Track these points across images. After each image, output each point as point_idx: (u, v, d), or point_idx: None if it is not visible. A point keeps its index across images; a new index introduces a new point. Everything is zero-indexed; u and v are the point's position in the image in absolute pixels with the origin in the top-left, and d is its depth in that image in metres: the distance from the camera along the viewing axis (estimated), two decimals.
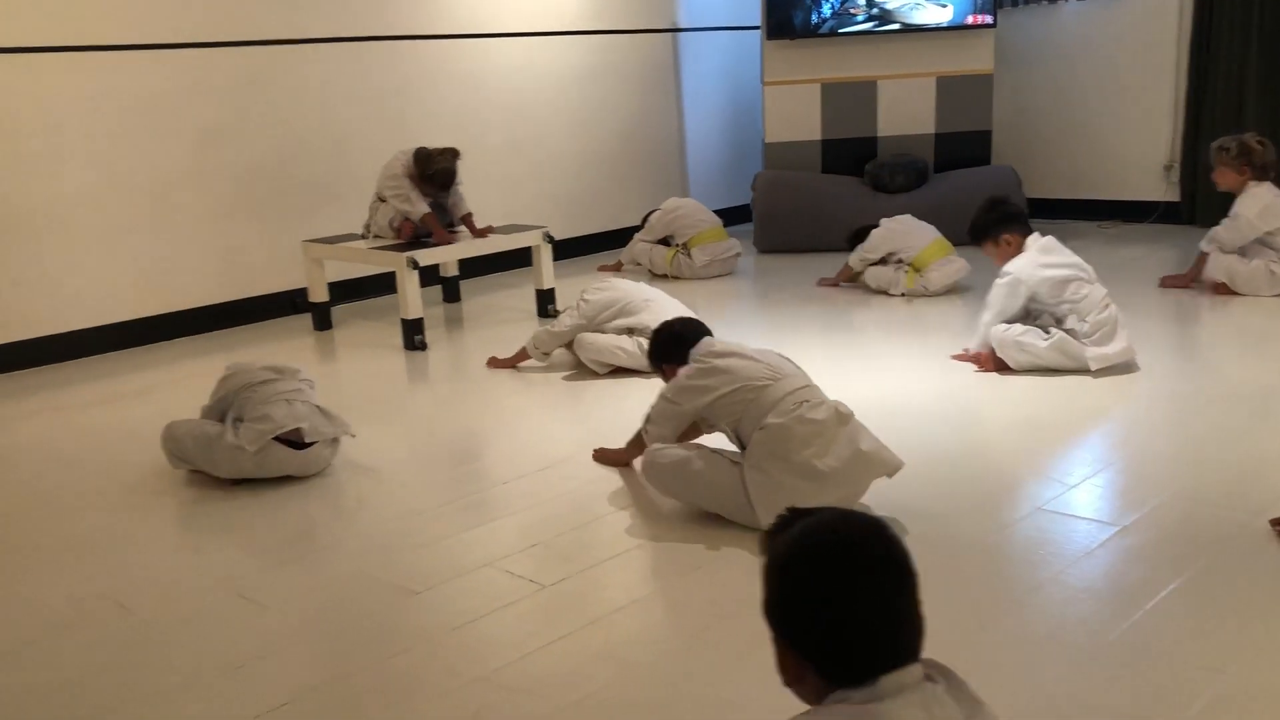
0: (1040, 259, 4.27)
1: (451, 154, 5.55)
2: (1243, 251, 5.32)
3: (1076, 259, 4.31)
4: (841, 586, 1.30)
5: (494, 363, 4.85)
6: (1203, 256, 5.43)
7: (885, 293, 5.75)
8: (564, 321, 4.69)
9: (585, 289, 4.77)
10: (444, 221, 5.65)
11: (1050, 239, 4.35)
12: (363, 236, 5.77)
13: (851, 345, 4.97)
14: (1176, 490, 3.10)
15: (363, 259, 5.61)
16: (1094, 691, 2.17)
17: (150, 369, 5.18)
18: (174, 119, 5.58)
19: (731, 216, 7.71)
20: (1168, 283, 5.59)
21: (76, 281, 5.36)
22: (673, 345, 3.30)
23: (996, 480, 3.35)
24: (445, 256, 5.71)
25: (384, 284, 6.19)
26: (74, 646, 2.57)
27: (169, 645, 2.55)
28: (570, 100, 7.34)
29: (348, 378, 4.92)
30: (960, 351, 4.50)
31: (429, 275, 5.67)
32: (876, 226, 5.89)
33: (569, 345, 4.71)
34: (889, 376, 4.37)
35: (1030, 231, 4.38)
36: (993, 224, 4.38)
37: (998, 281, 4.31)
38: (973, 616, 2.48)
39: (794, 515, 1.39)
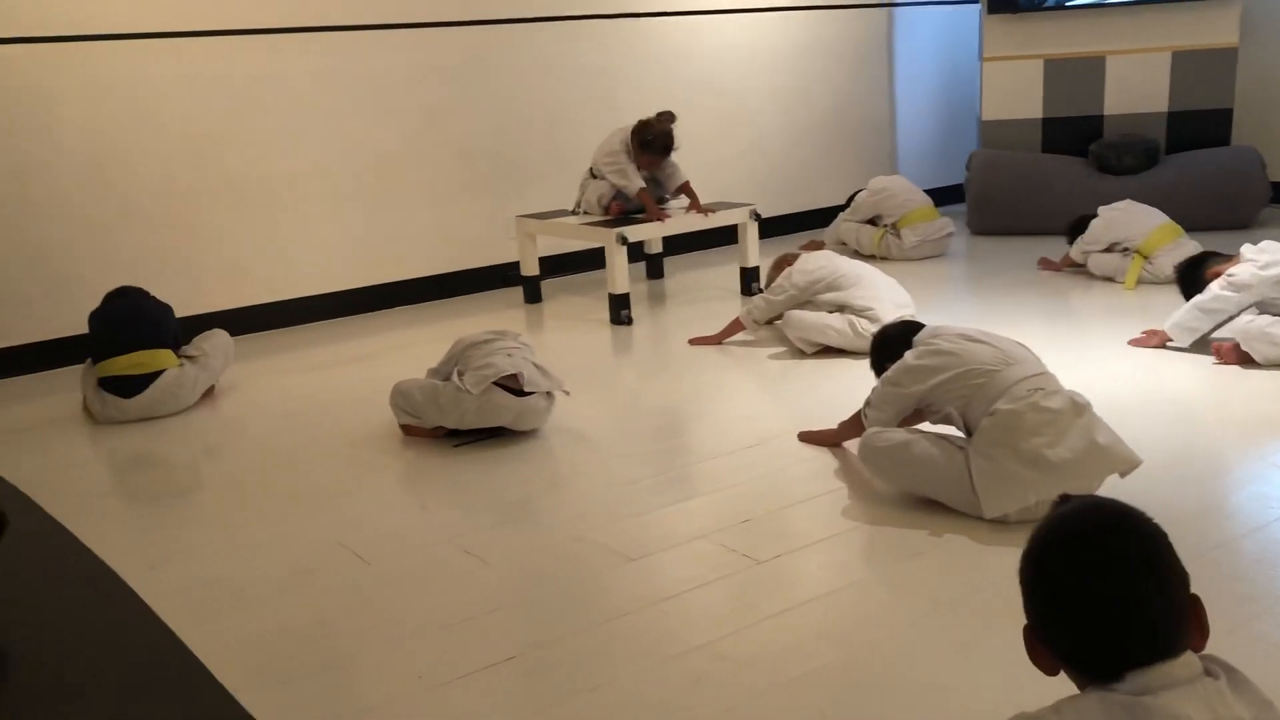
0: (1260, 259, 4.12)
1: (668, 117, 5.56)
2: None
3: None
4: (1072, 578, 1.27)
5: (697, 341, 4.86)
6: None
7: (1111, 280, 5.46)
8: (780, 289, 4.64)
9: (796, 261, 4.72)
10: (657, 195, 5.68)
11: (1267, 241, 4.22)
12: (573, 213, 5.89)
13: (1073, 334, 4.72)
14: None
15: (574, 234, 5.72)
16: None
17: (371, 335, 5.44)
18: (399, 97, 5.83)
19: (942, 196, 7.48)
20: None
21: (306, 251, 5.68)
22: (893, 343, 3.20)
23: (1242, 480, 3.13)
24: (653, 233, 5.74)
25: (591, 260, 6.31)
26: (318, 591, 2.73)
27: (402, 594, 2.68)
28: (779, 77, 7.26)
29: (556, 349, 5.03)
30: (1145, 335, 4.37)
31: (634, 252, 5.72)
32: (1095, 216, 5.58)
33: (777, 322, 4.67)
34: (1115, 367, 4.14)
35: (1223, 255, 4.34)
36: (1194, 277, 4.34)
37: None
38: (1222, 618, 2.29)
39: (1062, 502, 1.38)
